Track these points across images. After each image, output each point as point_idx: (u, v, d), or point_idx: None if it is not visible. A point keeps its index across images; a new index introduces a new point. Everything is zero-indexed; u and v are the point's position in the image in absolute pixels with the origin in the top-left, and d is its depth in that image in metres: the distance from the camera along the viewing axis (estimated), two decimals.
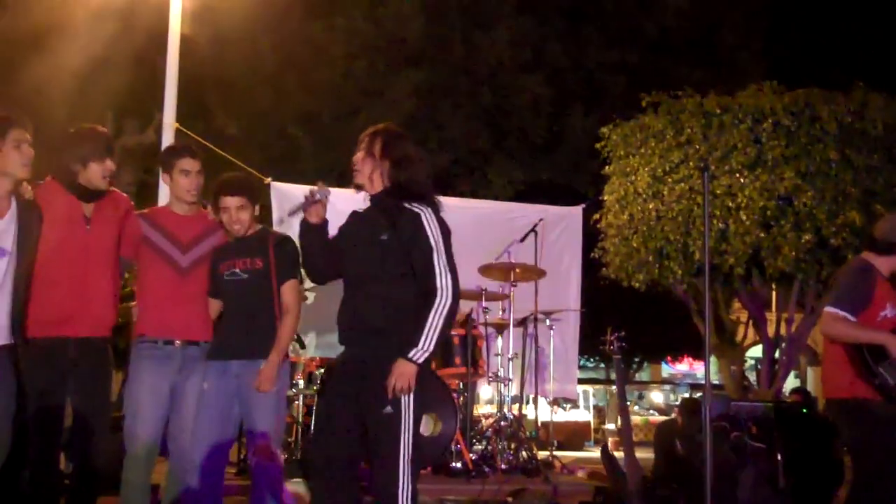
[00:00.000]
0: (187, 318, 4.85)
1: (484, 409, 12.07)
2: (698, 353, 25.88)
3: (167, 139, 9.21)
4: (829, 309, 4.98)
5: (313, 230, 4.35)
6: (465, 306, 8.48)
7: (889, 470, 4.81)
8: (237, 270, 4.83)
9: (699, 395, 14.70)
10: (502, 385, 8.13)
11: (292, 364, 6.90)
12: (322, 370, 7.08)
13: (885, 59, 16.86)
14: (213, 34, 14.65)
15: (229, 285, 4.86)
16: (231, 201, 4.83)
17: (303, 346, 7.82)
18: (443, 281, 3.96)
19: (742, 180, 9.69)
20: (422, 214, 4.06)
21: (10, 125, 4.29)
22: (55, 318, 4.51)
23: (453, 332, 7.70)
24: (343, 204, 9.90)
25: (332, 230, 8.92)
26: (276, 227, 5.92)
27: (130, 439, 4.69)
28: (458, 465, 7.02)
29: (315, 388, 7.07)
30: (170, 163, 4.94)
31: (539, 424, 11.31)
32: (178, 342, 4.80)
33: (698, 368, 30.96)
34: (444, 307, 3.93)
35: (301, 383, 7.08)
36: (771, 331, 11.58)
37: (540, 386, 9.30)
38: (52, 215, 4.48)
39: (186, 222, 4.97)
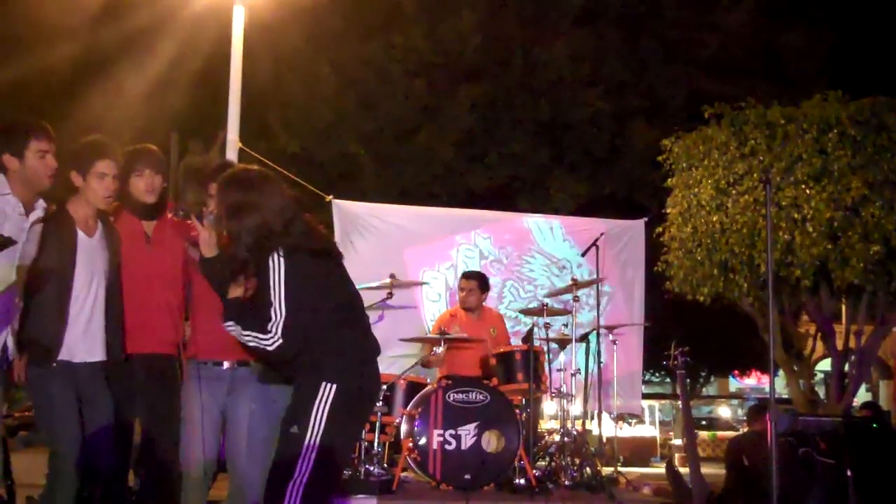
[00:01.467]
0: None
1: (548, 425, 12.00)
2: (766, 367, 25.49)
3: (231, 158, 9.36)
4: None
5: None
6: (528, 322, 8.49)
7: None
8: None
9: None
10: (565, 401, 8.09)
11: None
12: (384, 387, 7.10)
13: None
14: (273, 55, 14.87)
15: None
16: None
17: None
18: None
19: (808, 191, 9.57)
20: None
21: (98, 156, 4.42)
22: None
23: (515, 349, 7.70)
24: (402, 220, 10.01)
25: (396, 245, 8.88)
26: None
27: (186, 461, 4.71)
28: (522, 481, 6.97)
29: (379, 404, 7.08)
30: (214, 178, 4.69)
31: (604, 440, 11.20)
32: (227, 364, 4.77)
33: (766, 383, 30.46)
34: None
35: None
36: (840, 344, 11.38)
37: (604, 401, 9.22)
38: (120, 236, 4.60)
39: None
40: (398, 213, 10.35)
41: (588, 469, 7.60)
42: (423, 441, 6.82)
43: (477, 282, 8.10)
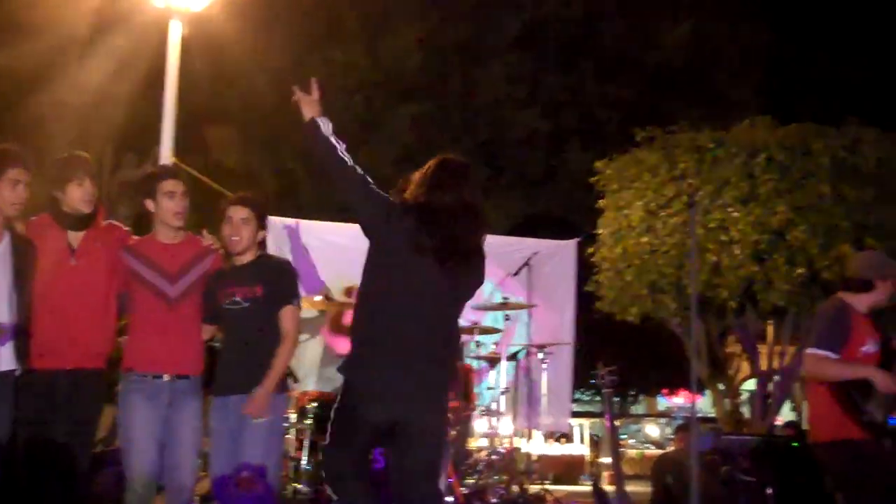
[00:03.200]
0: (176, 351, 4.76)
1: (479, 443, 12.01)
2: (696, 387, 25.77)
3: None
4: (810, 350, 4.99)
5: None
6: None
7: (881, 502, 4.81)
8: (238, 299, 4.77)
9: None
10: (495, 419, 8.10)
11: None
12: (315, 404, 7.04)
13: (877, 95, 16.95)
14: (211, 69, 14.76)
15: (229, 314, 4.79)
16: (236, 211, 4.78)
17: (296, 380, 7.79)
18: None
19: (735, 214, 9.72)
20: None
21: (10, 164, 4.33)
22: (43, 350, 4.50)
23: None
24: (342, 238, 9.98)
25: (333, 263, 8.85)
26: None
27: (129, 476, 4.64)
28: (450, 499, 6.97)
29: (308, 422, 7.02)
30: (153, 187, 4.78)
31: (533, 458, 11.26)
32: (166, 377, 4.71)
33: (697, 401, 30.80)
34: None
35: (293, 417, 7.04)
36: (764, 364, 11.56)
37: (533, 419, 9.27)
38: (41, 248, 4.51)
39: (174, 250, 4.85)
40: (336, 230, 10.30)
41: (515, 487, 7.63)
42: None
43: None
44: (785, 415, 19.83)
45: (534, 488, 8.16)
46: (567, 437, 19.92)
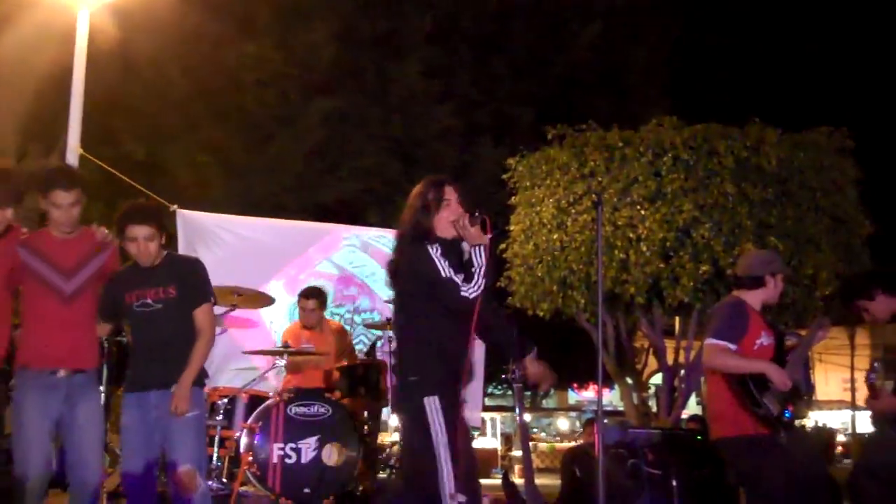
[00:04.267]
0: (72, 345, 4.72)
1: (393, 437, 12.03)
2: (603, 381, 26.17)
3: (72, 163, 9.04)
4: (710, 341, 5.14)
5: None
6: (370, 336, 8.50)
7: (781, 498, 4.96)
8: (149, 301, 4.75)
9: (606, 420, 14.88)
10: None
11: None
12: (225, 400, 6.99)
13: (779, 96, 17.44)
14: (122, 59, 14.46)
15: (140, 316, 4.78)
16: (139, 231, 4.73)
17: (206, 376, 7.70)
18: None
19: (643, 212, 9.89)
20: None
21: None
22: None
23: (359, 362, 7.71)
24: (250, 232, 9.86)
25: (243, 257, 8.75)
26: None
27: (22, 471, 4.57)
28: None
29: (218, 418, 6.96)
30: (44, 191, 4.69)
31: None
32: (62, 371, 4.66)
33: (604, 395, 31.28)
34: None
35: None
36: (671, 359, 11.80)
37: None
38: None
39: (69, 246, 4.79)
40: (247, 224, 10.19)
41: None
42: (262, 455, 6.74)
43: (316, 300, 8.07)
44: (691, 408, 20.25)
45: None
46: (479, 430, 20.07)
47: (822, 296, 9.88)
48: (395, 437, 8.57)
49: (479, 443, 21.06)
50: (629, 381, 12.68)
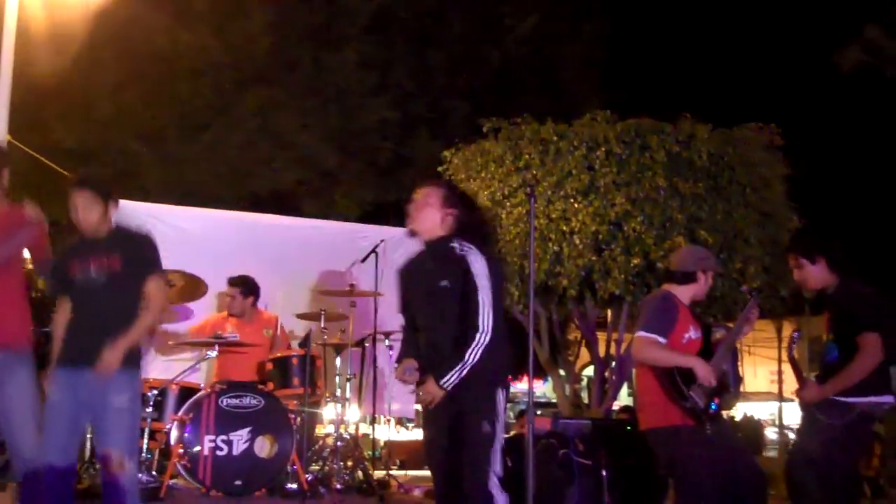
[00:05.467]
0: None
1: (328, 429, 11.99)
2: (537, 372, 26.37)
3: None
4: (640, 334, 5.21)
5: None
6: (304, 327, 8.44)
7: (707, 489, 5.04)
8: (92, 272, 4.61)
9: (539, 412, 14.97)
10: (341, 405, 8.10)
11: None
12: (155, 391, 6.88)
13: (711, 92, 17.67)
14: (52, 44, 14.15)
15: (82, 287, 4.63)
16: (78, 197, 4.62)
17: (140, 356, 7.58)
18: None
19: (576, 205, 9.94)
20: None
21: None
22: None
23: (292, 353, 7.66)
24: (186, 223, 9.73)
25: (177, 247, 8.61)
26: None
27: None
28: (294, 486, 6.94)
29: (149, 409, 6.85)
30: None
31: (380, 444, 11.30)
32: None
33: (538, 387, 31.58)
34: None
35: None
36: (602, 351, 11.90)
37: (379, 405, 9.29)
38: None
39: None
40: (180, 214, 10.05)
41: (360, 473, 7.65)
42: (193, 447, 6.66)
43: (239, 288, 8.00)
44: (623, 399, 20.47)
45: (379, 474, 8.20)
46: (413, 422, 20.06)
47: (750, 288, 10.02)
48: (330, 429, 8.54)
49: (416, 434, 21.06)
50: (562, 372, 12.76)
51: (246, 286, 8.07)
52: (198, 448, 6.65)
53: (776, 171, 10.81)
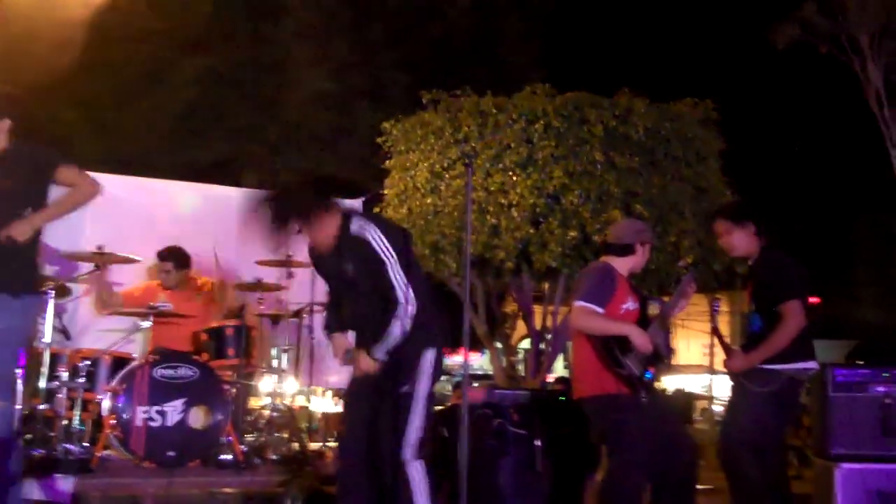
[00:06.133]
0: None
1: (265, 401, 11.92)
2: (474, 345, 26.49)
3: None
4: (578, 303, 5.23)
5: None
6: (240, 298, 8.33)
7: (640, 456, 5.09)
8: None
9: (476, 384, 15.04)
10: (277, 377, 8.03)
11: (55, 355, 6.58)
12: (88, 362, 6.76)
13: (648, 67, 17.79)
14: None
15: None
16: None
17: (68, 338, 7.45)
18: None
19: (514, 178, 9.96)
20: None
21: None
22: None
23: (227, 324, 7.56)
24: (121, 192, 9.52)
25: (112, 218, 8.41)
26: None
27: None
28: (228, 457, 6.87)
29: (81, 380, 6.72)
30: None
31: (317, 416, 11.27)
32: None
33: (474, 360, 31.72)
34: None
35: (65, 375, 6.74)
36: (538, 323, 11.96)
37: (316, 377, 9.24)
38: None
39: None
40: (115, 183, 9.83)
41: (296, 444, 7.61)
42: (126, 417, 6.56)
43: (171, 262, 7.87)
44: (558, 371, 20.66)
45: (315, 445, 8.16)
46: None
47: (687, 263, 10.14)
48: (266, 401, 8.49)
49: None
50: (499, 345, 12.83)
51: (177, 259, 7.92)
52: (130, 418, 6.55)
53: (711, 146, 10.94)
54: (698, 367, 30.28)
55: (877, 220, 27.96)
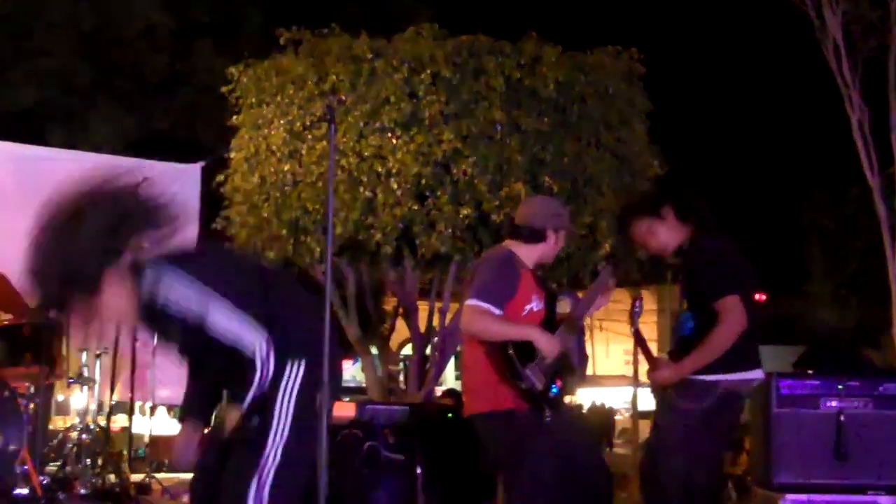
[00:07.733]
0: None
1: (73, 421, 11.71)
2: (346, 351, 26.46)
3: None
4: (470, 302, 5.20)
5: None
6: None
7: (543, 489, 5.12)
8: None
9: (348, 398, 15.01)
10: (88, 388, 7.92)
11: None
12: None
13: (561, 8, 17.99)
14: None
15: None
16: None
17: None
18: None
19: (395, 141, 9.92)
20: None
21: None
22: None
23: (23, 321, 7.40)
24: None
25: None
26: None
27: None
28: (24, 490, 6.75)
29: None
30: None
31: (144, 439, 11.14)
32: None
33: (346, 369, 31.69)
34: None
35: None
36: (423, 324, 11.97)
37: (139, 391, 9.12)
38: None
39: None
40: None
41: (113, 475, 7.51)
42: None
43: None
44: (449, 382, 20.84)
45: (137, 477, 8.08)
46: None
47: (607, 254, 10.25)
48: (75, 420, 8.36)
49: None
50: (374, 350, 12.83)
51: None
52: None
53: (636, 105, 11.10)
54: (620, 379, 30.97)
55: (832, 198, 28.68)
